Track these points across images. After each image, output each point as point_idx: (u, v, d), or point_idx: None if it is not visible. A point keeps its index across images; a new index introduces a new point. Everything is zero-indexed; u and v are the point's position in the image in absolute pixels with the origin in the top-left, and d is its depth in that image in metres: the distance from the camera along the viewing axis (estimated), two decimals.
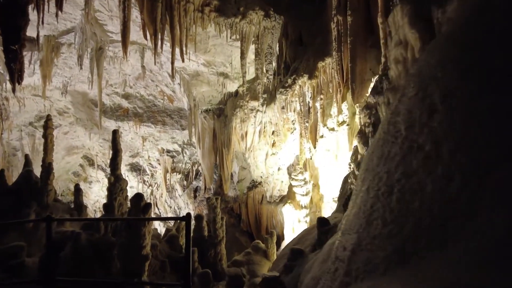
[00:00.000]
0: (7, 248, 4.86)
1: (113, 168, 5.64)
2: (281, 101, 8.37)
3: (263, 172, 10.92)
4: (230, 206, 13.11)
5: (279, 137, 9.40)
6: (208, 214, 7.28)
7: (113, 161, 5.63)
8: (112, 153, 5.70)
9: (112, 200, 5.49)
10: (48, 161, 7.25)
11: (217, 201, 6.79)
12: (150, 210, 4.81)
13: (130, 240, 4.64)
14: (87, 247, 5.07)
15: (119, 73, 11.42)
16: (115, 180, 5.53)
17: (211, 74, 9.27)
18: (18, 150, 12.74)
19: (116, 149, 5.66)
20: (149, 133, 12.88)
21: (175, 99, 12.19)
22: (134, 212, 4.66)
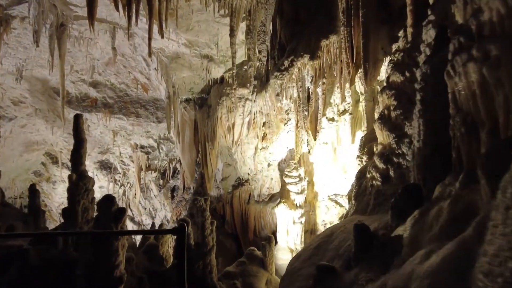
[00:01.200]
0: None
1: (75, 163, 4.41)
2: (275, 87, 7.34)
3: (251, 169, 9.86)
4: (212, 207, 11.96)
5: (270, 129, 8.37)
6: (195, 218, 6.15)
7: (75, 154, 4.41)
8: (74, 144, 4.47)
9: (74, 204, 4.26)
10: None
11: (205, 202, 5.67)
12: (124, 217, 3.64)
13: (99, 257, 3.47)
14: (39, 267, 3.84)
15: (86, 57, 10.00)
16: (78, 178, 4.30)
17: (194, 57, 8.10)
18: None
19: (79, 139, 4.44)
20: (121, 126, 11.50)
21: (150, 88, 10.89)
22: (103, 220, 3.48)
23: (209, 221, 5.75)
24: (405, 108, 4.32)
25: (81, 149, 4.38)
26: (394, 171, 4.26)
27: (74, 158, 4.39)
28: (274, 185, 10.02)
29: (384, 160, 4.45)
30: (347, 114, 7.56)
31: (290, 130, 8.39)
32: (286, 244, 8.14)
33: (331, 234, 4.19)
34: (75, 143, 4.49)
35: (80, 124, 4.46)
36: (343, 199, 9.15)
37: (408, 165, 4.04)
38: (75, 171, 4.37)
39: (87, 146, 11.71)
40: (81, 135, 4.45)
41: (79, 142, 4.42)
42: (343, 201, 9.16)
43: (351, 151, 8.11)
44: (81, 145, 4.38)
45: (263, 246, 6.62)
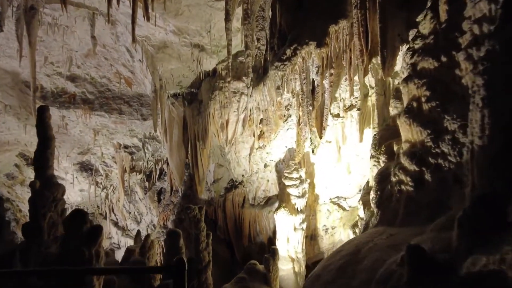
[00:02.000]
0: None
1: (40, 167, 3.55)
2: (275, 79, 6.58)
3: (245, 170, 9.08)
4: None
5: (268, 126, 7.61)
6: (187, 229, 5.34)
7: (40, 156, 3.55)
8: (39, 143, 3.62)
9: (38, 218, 3.39)
10: None
11: (200, 212, 4.88)
12: (100, 239, 2.82)
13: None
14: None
15: (62, 48, 9.02)
16: (42, 185, 3.44)
17: (183, 46, 7.26)
18: None
19: (45, 136, 3.58)
20: (103, 124, 10.54)
21: (134, 82, 9.97)
22: (72, 243, 2.66)
23: (205, 233, 4.96)
24: (442, 98, 3.62)
25: (48, 149, 3.53)
26: (431, 175, 3.55)
27: (39, 160, 3.53)
28: (270, 187, 9.26)
29: (416, 161, 3.74)
30: (355, 110, 6.86)
31: (291, 127, 7.64)
32: (287, 253, 7.40)
33: (357, 251, 3.45)
34: (39, 142, 3.64)
35: (45, 118, 3.60)
36: (347, 202, 8.48)
37: (451, 167, 3.34)
38: (39, 177, 3.50)
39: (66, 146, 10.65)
40: (47, 132, 3.60)
41: (44, 141, 3.57)
42: (346, 204, 8.48)
43: (357, 150, 7.43)
44: (47, 144, 3.53)
45: (266, 260, 5.84)
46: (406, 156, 3.93)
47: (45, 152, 3.57)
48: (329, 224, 8.66)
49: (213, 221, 10.76)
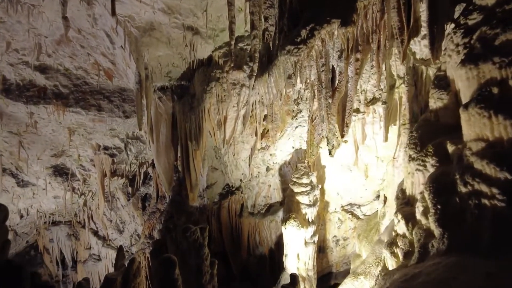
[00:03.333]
0: None
1: None
2: (287, 66, 5.49)
3: (244, 174, 7.97)
4: (194, 219, 9.95)
5: (274, 123, 6.52)
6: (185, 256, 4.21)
7: None
8: None
9: None
10: None
11: (203, 234, 3.77)
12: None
13: None
14: None
15: (28, 32, 7.69)
16: None
17: (174, 28, 6.09)
18: None
19: None
20: (79, 122, 9.23)
21: (115, 74, 8.72)
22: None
23: (208, 262, 3.83)
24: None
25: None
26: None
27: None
28: (272, 193, 8.19)
29: (508, 167, 2.72)
30: (379, 104, 5.85)
31: (300, 125, 6.58)
32: (297, 271, 6.32)
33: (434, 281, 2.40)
34: None
35: None
36: (361, 210, 7.47)
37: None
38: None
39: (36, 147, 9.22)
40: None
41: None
42: (360, 212, 7.48)
43: (379, 151, 6.42)
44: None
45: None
46: (487, 159, 2.91)
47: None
48: (340, 235, 7.65)
49: None
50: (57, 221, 13.51)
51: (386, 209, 6.54)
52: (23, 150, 9.74)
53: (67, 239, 14.01)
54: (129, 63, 7.28)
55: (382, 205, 6.74)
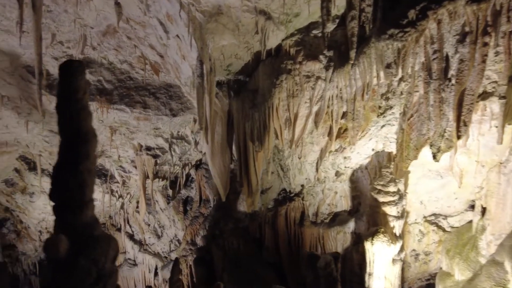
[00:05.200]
0: None
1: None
2: (386, 53, 4.60)
3: (308, 179, 7.11)
4: (242, 226, 9.18)
5: (355, 122, 5.63)
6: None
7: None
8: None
9: None
10: None
11: (336, 265, 2.91)
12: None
13: None
14: None
15: (74, 23, 7.05)
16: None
17: (245, 11, 5.27)
18: None
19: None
20: (122, 121, 8.58)
21: (162, 69, 8.03)
22: None
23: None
24: None
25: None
26: None
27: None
28: (338, 201, 7.31)
29: None
30: (493, 98, 4.88)
31: (389, 123, 5.68)
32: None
33: None
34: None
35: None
36: (447, 222, 6.49)
37: None
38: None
39: None
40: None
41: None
42: (447, 224, 6.50)
43: (481, 154, 5.44)
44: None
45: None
46: None
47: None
48: (420, 249, 6.70)
49: (257, 239, 8.81)
50: None
51: (486, 222, 5.57)
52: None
53: None
54: (186, 55, 6.52)
55: (479, 217, 5.77)
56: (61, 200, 2.17)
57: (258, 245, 8.76)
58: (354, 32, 4.48)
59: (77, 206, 2.18)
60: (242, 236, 8.96)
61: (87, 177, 2.30)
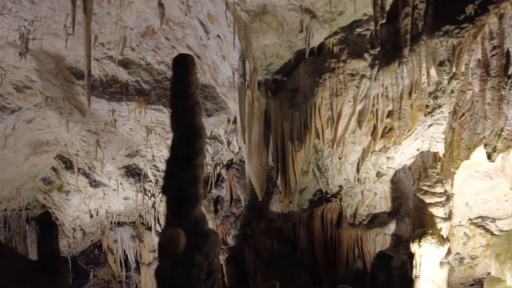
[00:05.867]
0: None
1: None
2: (439, 51, 4.48)
3: (348, 179, 7.02)
4: (275, 227, 9.15)
5: (401, 121, 5.51)
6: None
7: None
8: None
9: None
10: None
11: (412, 262, 2.84)
12: None
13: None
14: None
15: (115, 24, 7.19)
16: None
17: (291, 10, 5.25)
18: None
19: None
20: (159, 121, 8.71)
21: (198, 69, 8.07)
22: None
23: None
24: None
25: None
26: None
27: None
28: (377, 202, 7.18)
29: None
30: None
31: (437, 122, 5.54)
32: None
33: None
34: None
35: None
36: (496, 225, 6.27)
37: None
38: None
39: (112, 147, 8.74)
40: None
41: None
42: (495, 227, 6.27)
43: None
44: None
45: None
46: None
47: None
48: (465, 253, 6.49)
49: (290, 240, 8.75)
50: (122, 222, 13.28)
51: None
52: (99, 149, 9.39)
53: (131, 240, 13.74)
54: (226, 55, 6.56)
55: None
56: (175, 195, 2.20)
57: (291, 246, 8.70)
58: (408, 29, 4.38)
59: (190, 200, 2.20)
60: (275, 236, 8.93)
61: (200, 172, 2.32)
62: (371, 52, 5.67)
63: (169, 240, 2.00)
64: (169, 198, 2.30)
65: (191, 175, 2.26)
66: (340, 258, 7.59)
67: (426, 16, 4.60)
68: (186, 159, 2.31)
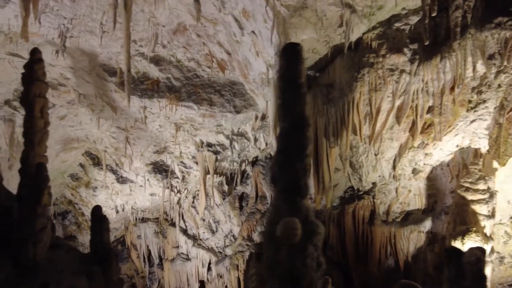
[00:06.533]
0: None
1: None
2: (489, 44, 4.37)
3: (382, 176, 6.94)
4: None
5: (442, 116, 5.41)
6: None
7: None
8: None
9: None
10: (37, 160, 3.21)
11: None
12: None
13: None
14: None
15: (148, 21, 7.26)
16: None
17: (331, 5, 5.20)
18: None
19: None
20: (188, 118, 8.76)
21: (228, 66, 8.10)
22: None
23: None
24: None
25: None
26: None
27: None
28: (411, 199, 7.08)
29: None
30: None
31: (480, 117, 5.41)
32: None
33: None
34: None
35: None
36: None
37: None
38: None
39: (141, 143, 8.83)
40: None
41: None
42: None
43: None
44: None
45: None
46: None
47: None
48: (506, 252, 6.34)
49: None
50: (146, 218, 13.43)
51: None
52: (128, 146, 9.51)
53: (154, 236, 13.87)
54: (261, 51, 6.54)
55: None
56: (287, 184, 2.21)
57: (323, 243, 8.64)
58: (458, 22, 4.29)
59: (303, 190, 2.21)
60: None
61: (309, 161, 2.33)
62: (411, 47, 5.58)
63: (287, 229, 2.01)
64: (281, 187, 2.30)
65: (303, 164, 2.26)
66: (372, 256, 7.52)
67: (475, 8, 4.50)
68: (297, 148, 2.32)
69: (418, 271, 7.23)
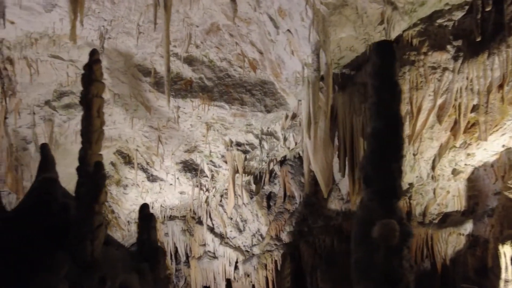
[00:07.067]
0: None
1: None
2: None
3: (420, 177, 6.77)
4: (334, 224, 9.02)
5: (488, 115, 5.22)
6: None
7: None
8: None
9: None
10: (94, 158, 3.27)
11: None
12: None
13: None
14: None
15: (183, 22, 7.34)
16: None
17: (372, 2, 5.11)
18: (30, 142, 8.83)
19: None
20: (220, 117, 8.81)
21: (259, 65, 8.09)
22: None
23: None
24: None
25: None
26: None
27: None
28: (449, 201, 6.89)
29: None
30: None
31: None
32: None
33: None
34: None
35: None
36: None
37: None
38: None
39: (173, 142, 8.96)
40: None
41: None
42: None
43: None
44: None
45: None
46: None
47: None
48: None
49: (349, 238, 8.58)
50: (173, 216, 13.61)
51: None
52: (160, 145, 9.66)
53: (181, 234, 14.04)
54: (297, 49, 6.50)
55: None
56: (382, 185, 2.19)
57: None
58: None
59: (397, 191, 2.19)
60: (335, 234, 8.82)
61: (403, 161, 2.32)
62: (455, 44, 5.41)
63: (387, 231, 1.99)
64: (375, 188, 2.28)
65: (398, 165, 2.23)
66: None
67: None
68: (393, 149, 2.29)
69: (457, 275, 7.02)
